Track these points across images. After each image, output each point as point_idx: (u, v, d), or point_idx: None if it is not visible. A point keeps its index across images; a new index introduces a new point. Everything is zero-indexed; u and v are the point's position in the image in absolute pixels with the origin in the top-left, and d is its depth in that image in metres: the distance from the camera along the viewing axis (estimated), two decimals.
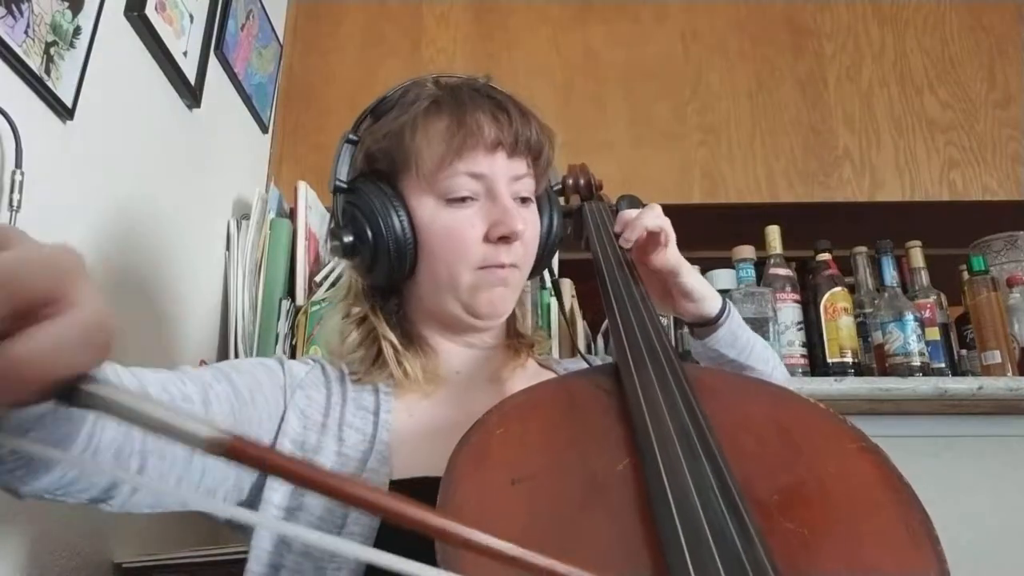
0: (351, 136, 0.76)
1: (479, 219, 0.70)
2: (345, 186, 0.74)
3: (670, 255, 0.76)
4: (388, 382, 0.73)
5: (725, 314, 0.80)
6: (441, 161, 0.68)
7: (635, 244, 0.76)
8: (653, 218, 0.76)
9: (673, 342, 1.33)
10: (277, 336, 1.30)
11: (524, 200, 0.73)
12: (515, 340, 0.81)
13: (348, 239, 0.72)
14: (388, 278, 0.74)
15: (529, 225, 0.73)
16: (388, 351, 0.73)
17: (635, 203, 0.93)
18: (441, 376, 0.75)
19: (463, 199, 0.70)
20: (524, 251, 0.73)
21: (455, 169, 0.69)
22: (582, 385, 0.63)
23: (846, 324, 1.37)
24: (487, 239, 0.70)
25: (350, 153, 0.75)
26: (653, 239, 0.76)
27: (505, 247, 0.70)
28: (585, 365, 0.78)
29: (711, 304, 0.79)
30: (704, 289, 0.79)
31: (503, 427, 0.55)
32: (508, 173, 0.71)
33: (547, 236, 0.78)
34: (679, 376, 0.59)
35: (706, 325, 0.80)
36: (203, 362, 1.27)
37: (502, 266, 0.71)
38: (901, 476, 0.51)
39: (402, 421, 0.71)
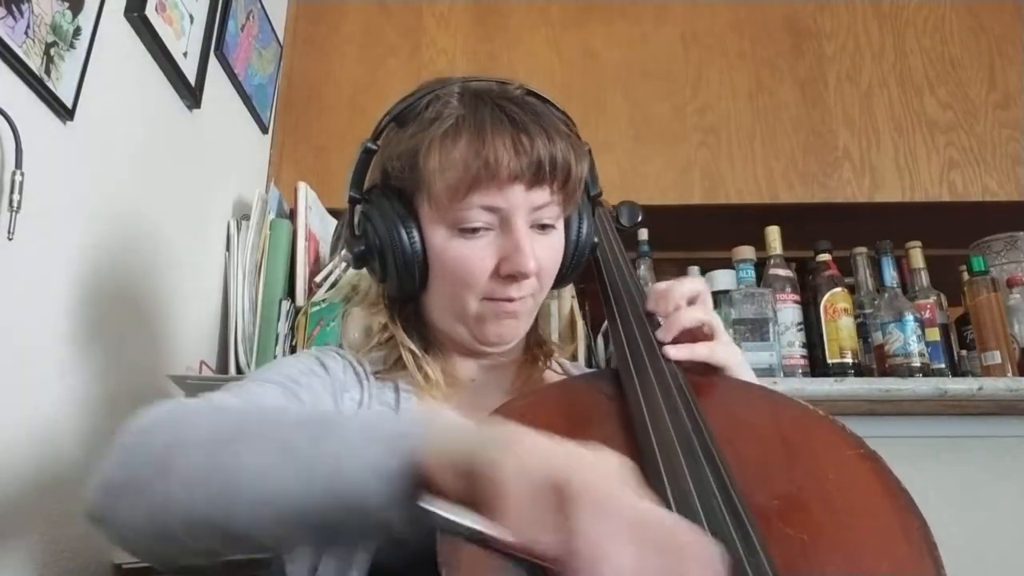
0: (370, 145, 0.72)
1: (491, 252, 0.67)
2: (360, 197, 0.72)
3: (719, 350, 0.67)
4: (408, 380, 0.73)
5: None
6: (455, 193, 0.65)
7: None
8: (691, 313, 0.67)
9: None
10: (277, 337, 1.30)
11: (545, 227, 0.70)
12: (535, 350, 0.80)
13: (359, 251, 0.71)
14: (400, 292, 0.73)
15: (545, 254, 0.70)
16: (408, 357, 0.73)
17: (635, 210, 0.93)
18: (459, 380, 0.75)
19: (475, 230, 0.67)
20: (538, 284, 0.71)
21: (469, 202, 0.65)
22: (584, 389, 0.63)
23: (846, 325, 1.37)
24: (497, 273, 0.67)
25: (368, 163, 0.72)
26: (696, 331, 0.68)
27: (515, 283, 0.68)
28: None
29: None
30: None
31: None
32: (527, 204, 0.67)
33: (575, 249, 0.74)
34: (680, 382, 0.59)
35: None
36: (203, 363, 1.27)
37: (511, 300, 0.69)
38: (899, 482, 0.51)
39: None
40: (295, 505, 0.43)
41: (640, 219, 0.93)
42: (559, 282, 0.76)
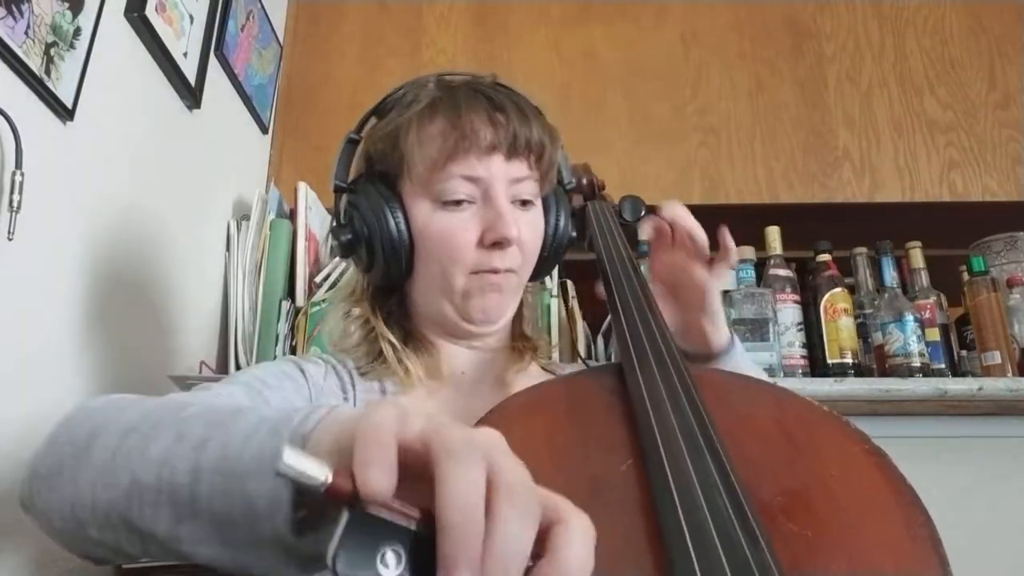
0: (353, 136, 0.75)
1: (474, 223, 0.69)
2: (345, 186, 0.74)
3: (711, 270, 0.76)
4: (393, 379, 0.73)
5: (730, 346, 0.79)
6: (435, 164, 0.68)
7: (663, 240, 0.78)
8: (695, 224, 0.77)
9: None
10: (277, 337, 1.30)
11: (525, 203, 0.72)
12: (519, 343, 0.80)
13: (346, 238, 0.72)
14: (386, 278, 0.73)
15: (527, 229, 0.71)
16: (388, 351, 0.73)
17: (638, 204, 0.93)
18: (444, 375, 0.75)
19: (458, 202, 0.69)
20: (522, 256, 0.72)
21: (449, 172, 0.68)
22: (585, 384, 0.62)
23: (846, 325, 1.37)
24: (481, 243, 0.69)
25: (352, 153, 0.75)
26: (692, 247, 0.77)
27: (499, 252, 0.69)
28: None
29: (721, 335, 0.78)
30: (722, 316, 0.78)
31: (504, 426, 0.54)
32: (506, 176, 0.69)
33: (553, 237, 0.76)
34: (684, 377, 0.58)
35: (707, 358, 0.79)
36: (203, 363, 1.27)
37: (496, 271, 0.70)
38: (904, 479, 0.51)
39: None
40: (185, 494, 0.41)
41: (643, 213, 0.93)
42: (542, 266, 0.77)
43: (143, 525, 0.43)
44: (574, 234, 0.79)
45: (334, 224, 0.75)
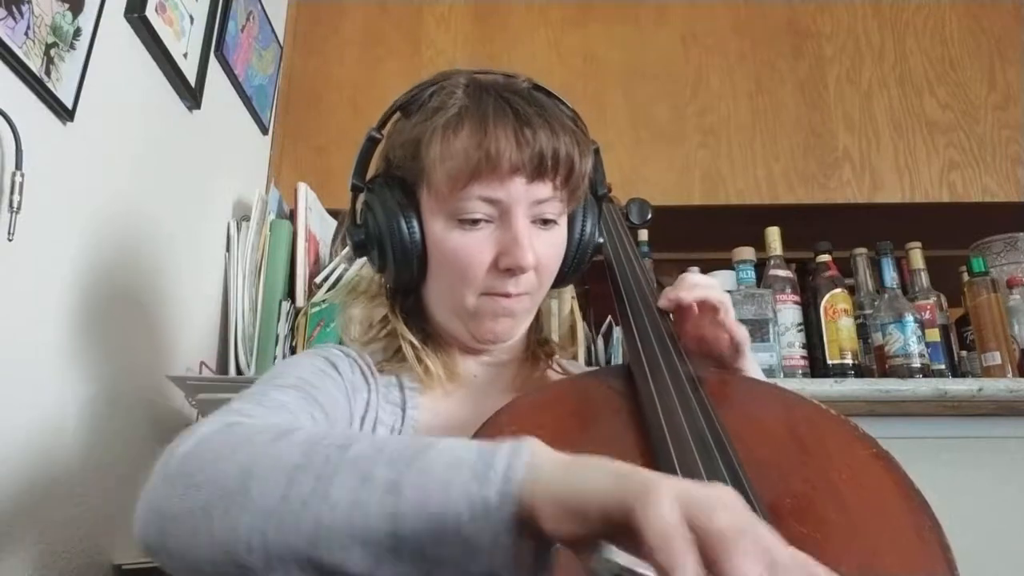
0: (374, 134, 0.72)
1: (489, 244, 0.67)
2: (362, 186, 0.72)
3: (735, 326, 0.70)
4: (411, 375, 0.73)
5: None
6: (455, 183, 0.65)
7: (680, 309, 0.71)
8: (709, 289, 0.71)
9: None
10: (277, 338, 1.30)
11: (547, 222, 0.69)
12: (536, 348, 0.79)
13: (359, 239, 0.71)
14: (398, 282, 0.73)
15: (545, 250, 0.69)
16: (408, 350, 0.73)
17: (645, 207, 0.93)
18: (460, 375, 0.74)
19: (475, 221, 0.66)
20: (538, 279, 0.70)
21: (469, 192, 0.65)
22: (594, 386, 0.62)
23: (846, 325, 1.37)
24: (495, 266, 0.67)
25: (371, 151, 0.73)
26: (710, 309, 0.70)
27: (513, 278, 0.67)
28: None
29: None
30: (759, 374, 0.74)
31: (514, 425, 0.54)
32: (528, 198, 0.66)
33: (576, 249, 0.74)
34: (693, 380, 0.59)
35: None
36: (203, 364, 1.27)
37: (508, 295, 0.68)
38: (912, 483, 0.51)
39: (427, 419, 0.70)
40: (385, 537, 0.41)
41: (650, 216, 0.93)
42: (560, 281, 0.75)
43: (332, 564, 0.42)
44: (601, 240, 0.77)
45: (349, 222, 0.74)
